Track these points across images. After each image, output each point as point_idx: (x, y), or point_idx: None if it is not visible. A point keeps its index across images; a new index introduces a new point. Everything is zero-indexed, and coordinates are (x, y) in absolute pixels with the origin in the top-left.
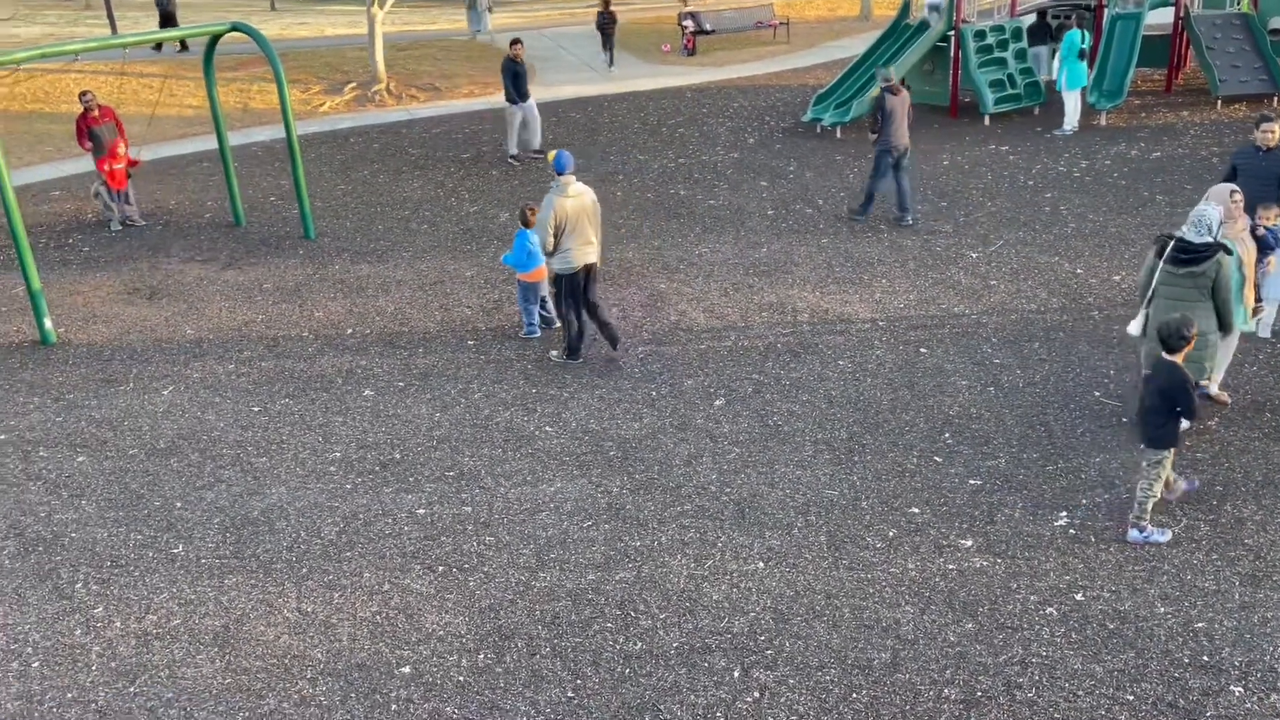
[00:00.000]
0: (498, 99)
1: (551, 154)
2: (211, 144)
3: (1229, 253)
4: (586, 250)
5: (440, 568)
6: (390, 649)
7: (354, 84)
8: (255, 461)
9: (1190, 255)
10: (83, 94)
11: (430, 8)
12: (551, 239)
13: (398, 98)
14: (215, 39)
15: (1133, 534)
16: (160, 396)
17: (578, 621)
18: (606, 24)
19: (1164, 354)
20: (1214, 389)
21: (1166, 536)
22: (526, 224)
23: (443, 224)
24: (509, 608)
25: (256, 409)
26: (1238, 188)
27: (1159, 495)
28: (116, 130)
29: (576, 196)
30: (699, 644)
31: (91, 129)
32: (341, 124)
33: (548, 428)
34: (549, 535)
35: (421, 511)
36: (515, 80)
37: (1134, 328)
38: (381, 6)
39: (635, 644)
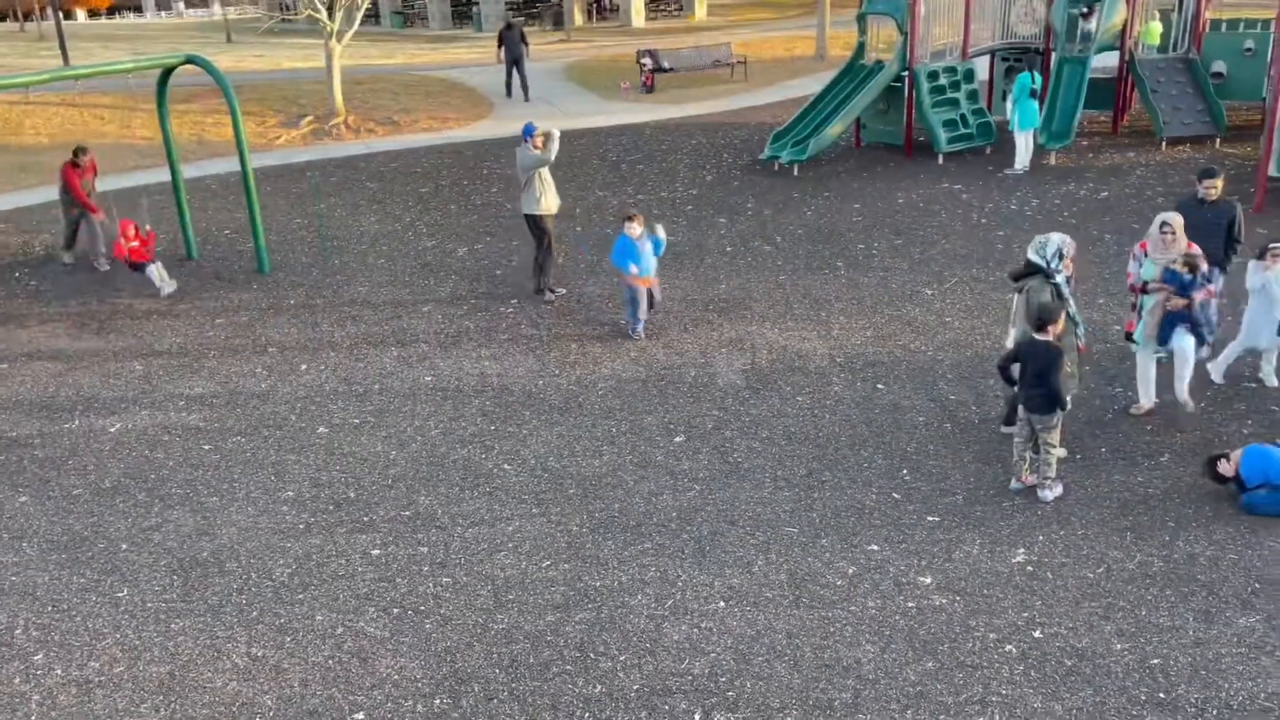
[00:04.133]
0: (456, 133)
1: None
2: (165, 176)
3: (1048, 279)
4: (554, 199)
5: (395, 610)
6: (343, 694)
7: (311, 117)
8: (205, 501)
9: (1017, 272)
10: (83, 149)
11: (389, 41)
12: (550, 153)
13: (355, 131)
14: (168, 72)
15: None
16: (107, 434)
17: (536, 664)
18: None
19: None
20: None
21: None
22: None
23: (400, 259)
24: (465, 651)
25: (207, 447)
26: (1169, 220)
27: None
28: (91, 181)
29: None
30: (659, 686)
31: (82, 180)
32: (298, 157)
33: (506, 465)
34: (507, 576)
35: (376, 552)
36: None
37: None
38: (340, 40)
39: (595, 687)
